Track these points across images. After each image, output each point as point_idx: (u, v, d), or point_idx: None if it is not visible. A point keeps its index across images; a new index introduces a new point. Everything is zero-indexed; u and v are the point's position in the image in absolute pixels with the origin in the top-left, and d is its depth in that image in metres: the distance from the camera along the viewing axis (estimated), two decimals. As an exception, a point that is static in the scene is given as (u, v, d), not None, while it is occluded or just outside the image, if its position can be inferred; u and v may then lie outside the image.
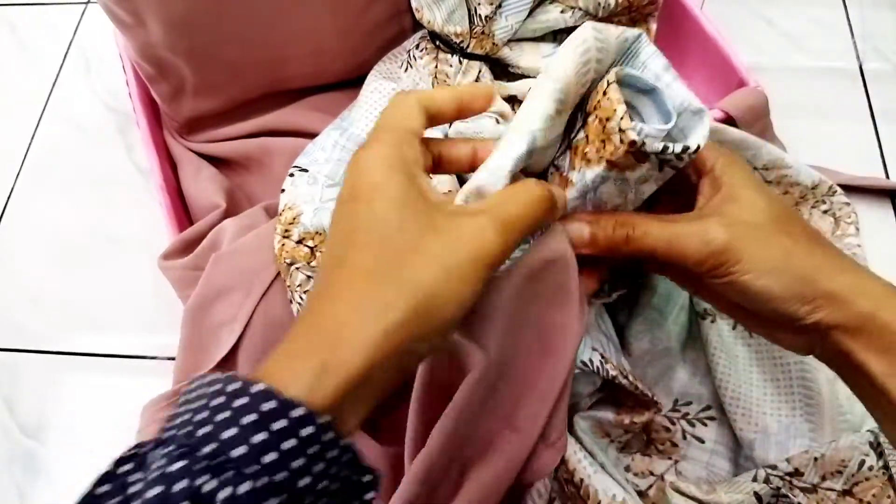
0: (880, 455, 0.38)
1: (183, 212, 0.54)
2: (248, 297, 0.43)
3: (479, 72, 0.52)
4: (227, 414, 0.21)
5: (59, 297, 0.56)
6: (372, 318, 0.24)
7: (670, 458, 0.43)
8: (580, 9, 0.51)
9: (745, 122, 0.52)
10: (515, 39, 0.52)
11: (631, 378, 0.39)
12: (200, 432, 0.21)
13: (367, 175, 0.27)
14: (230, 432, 0.21)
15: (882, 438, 0.39)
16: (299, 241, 0.43)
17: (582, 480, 0.37)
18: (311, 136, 0.52)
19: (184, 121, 0.56)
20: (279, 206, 0.46)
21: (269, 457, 0.21)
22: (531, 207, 0.28)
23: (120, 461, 0.22)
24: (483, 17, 0.49)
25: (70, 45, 0.71)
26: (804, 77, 0.62)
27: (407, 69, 0.53)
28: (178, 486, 0.20)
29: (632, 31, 0.31)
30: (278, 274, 0.44)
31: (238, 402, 0.21)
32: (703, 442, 0.44)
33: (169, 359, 0.52)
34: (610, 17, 0.53)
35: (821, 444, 0.40)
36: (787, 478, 0.39)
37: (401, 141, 0.28)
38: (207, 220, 0.50)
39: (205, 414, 0.22)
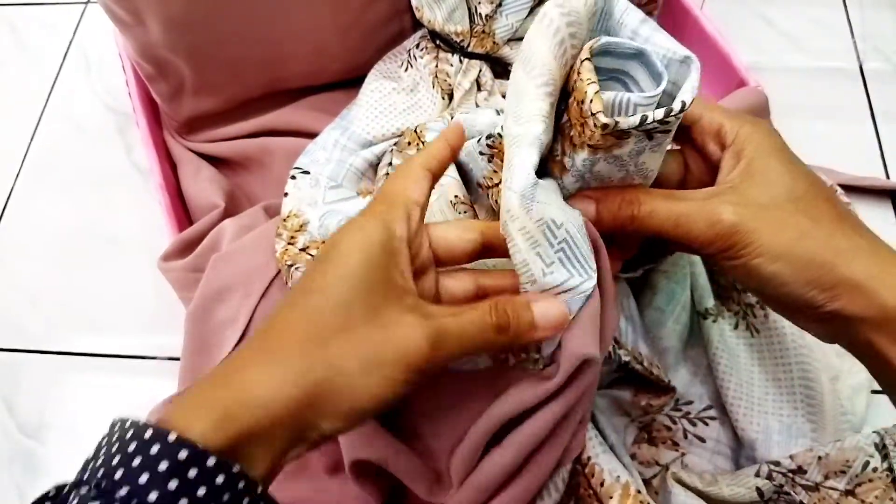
0: (885, 457, 0.38)
1: (183, 212, 0.54)
2: (248, 296, 0.43)
3: (480, 71, 0.52)
4: (140, 459, 0.22)
5: (59, 297, 0.56)
6: (277, 386, 0.24)
7: (677, 450, 0.43)
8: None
9: (745, 121, 0.52)
10: (516, 38, 0.52)
11: (646, 363, 0.39)
12: (116, 475, 0.22)
13: (345, 246, 0.27)
14: (144, 477, 0.21)
15: (888, 440, 0.39)
16: (303, 249, 0.43)
17: (589, 458, 0.37)
18: (311, 135, 0.52)
19: (183, 120, 0.56)
20: (283, 210, 0.45)
21: (185, 500, 0.22)
22: (473, 332, 0.28)
23: (39, 501, 0.23)
24: (483, 16, 0.49)
25: (70, 44, 0.71)
26: (804, 77, 0.62)
27: (407, 69, 0.53)
28: None
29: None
30: (278, 272, 0.44)
31: (153, 451, 0.22)
32: (704, 441, 0.44)
33: (169, 359, 0.52)
34: (610, 17, 0.54)
35: (823, 444, 0.40)
36: (790, 475, 0.39)
37: (395, 217, 0.28)
38: (207, 220, 0.50)
39: (120, 458, 0.22)
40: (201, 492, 0.22)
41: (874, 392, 0.46)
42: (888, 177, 0.56)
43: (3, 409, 0.52)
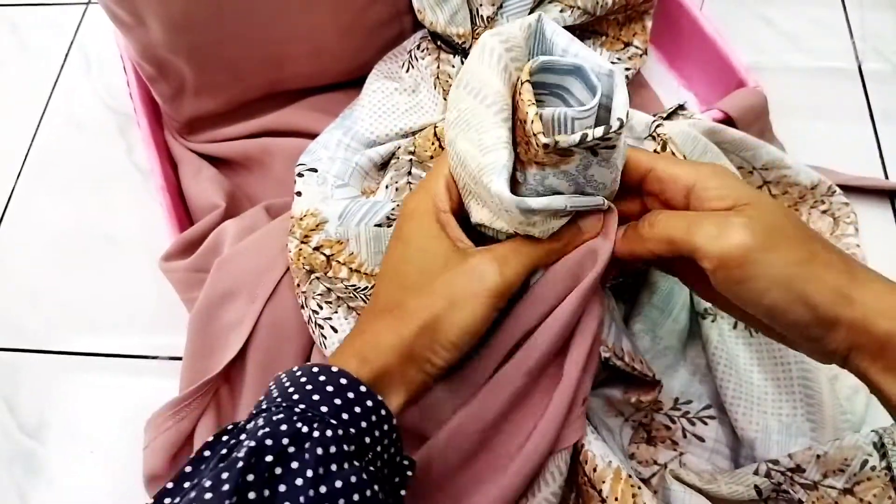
0: (883, 456, 0.38)
1: (183, 212, 0.54)
2: (254, 300, 0.43)
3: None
4: (311, 385, 0.29)
5: (59, 297, 0.56)
6: (394, 331, 0.32)
7: (675, 449, 0.43)
8: (579, 7, 0.51)
9: (744, 122, 0.52)
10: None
11: (627, 359, 0.39)
12: (294, 397, 0.28)
13: (409, 220, 0.35)
14: (316, 396, 0.28)
15: (886, 439, 0.39)
16: (317, 248, 0.43)
17: (582, 445, 0.38)
18: (312, 136, 0.52)
19: (184, 121, 0.56)
20: (296, 208, 0.45)
21: (345, 415, 0.28)
22: (530, 252, 0.34)
23: (219, 435, 0.29)
24: (485, 18, 0.50)
25: (71, 45, 0.71)
26: (804, 77, 0.62)
27: (408, 69, 0.53)
28: (281, 427, 0.27)
29: (531, 17, 0.31)
30: (283, 276, 0.44)
31: (320, 378, 0.29)
32: (703, 441, 0.44)
33: (169, 358, 0.52)
34: (607, 15, 0.54)
35: (822, 443, 0.40)
36: (789, 473, 0.39)
37: (440, 190, 0.35)
38: (208, 221, 0.50)
39: (294, 387, 0.29)
40: (357, 409, 0.28)
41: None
42: (887, 177, 0.57)
43: (3, 409, 0.52)
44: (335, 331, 0.42)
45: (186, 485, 0.27)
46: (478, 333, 0.33)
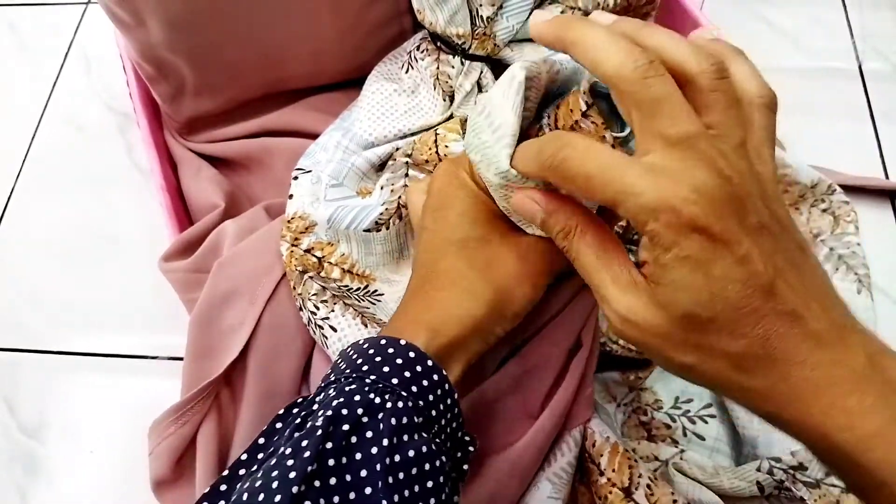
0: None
1: (183, 212, 0.54)
2: (254, 301, 0.43)
3: (481, 73, 0.52)
4: (381, 358, 0.29)
5: (59, 297, 0.56)
6: (466, 305, 0.32)
7: (677, 446, 0.43)
8: (580, 9, 0.51)
9: (745, 121, 0.52)
10: (516, 40, 0.52)
11: (622, 342, 0.40)
12: (364, 369, 0.29)
13: (450, 187, 0.35)
14: (386, 368, 0.29)
15: None
16: (308, 251, 0.43)
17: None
18: (312, 136, 0.52)
19: (184, 121, 0.56)
20: (287, 211, 0.45)
21: (415, 387, 0.29)
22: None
23: (289, 408, 0.30)
24: (485, 19, 0.49)
25: (70, 45, 0.71)
26: (804, 77, 0.62)
27: (408, 70, 0.53)
28: (355, 398, 0.27)
29: (556, 61, 0.31)
30: (283, 277, 0.44)
31: (389, 351, 0.29)
32: (703, 439, 0.44)
33: (169, 358, 0.52)
34: (609, 17, 0.54)
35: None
36: (791, 471, 0.39)
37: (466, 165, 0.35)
38: (207, 221, 0.50)
39: (363, 359, 0.29)
40: (425, 382, 0.29)
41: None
42: (887, 177, 0.57)
43: (4, 409, 0.52)
44: (334, 330, 0.42)
45: (260, 456, 0.28)
46: (536, 303, 0.35)
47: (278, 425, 0.30)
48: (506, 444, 0.38)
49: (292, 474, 0.25)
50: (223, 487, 0.28)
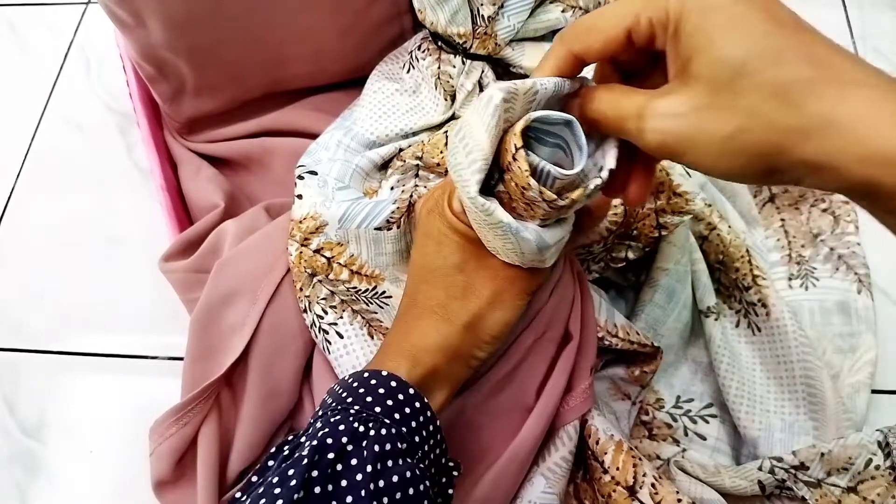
0: (888, 455, 0.39)
1: (183, 212, 0.54)
2: (255, 301, 0.43)
3: (482, 72, 0.52)
4: (364, 389, 0.30)
5: (59, 297, 0.56)
6: (443, 331, 0.34)
7: (678, 445, 0.43)
8: (580, 8, 0.51)
9: (745, 121, 0.52)
10: (517, 39, 0.52)
11: (622, 334, 0.40)
12: (349, 400, 0.30)
13: (431, 215, 0.36)
14: (369, 398, 0.30)
15: (891, 438, 0.39)
16: (317, 251, 0.43)
17: (587, 421, 0.40)
18: (312, 136, 0.52)
19: (184, 121, 0.56)
20: (297, 211, 0.45)
21: (397, 415, 0.30)
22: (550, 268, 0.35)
23: (280, 446, 0.31)
24: (486, 18, 0.49)
25: (70, 45, 0.71)
26: (804, 77, 0.62)
27: (409, 70, 0.53)
28: (339, 427, 0.28)
29: (546, 81, 0.29)
30: (283, 277, 0.44)
31: (372, 382, 0.31)
32: (704, 439, 0.44)
33: (169, 358, 0.52)
34: (610, 17, 0.54)
35: (825, 442, 0.40)
36: (793, 471, 0.39)
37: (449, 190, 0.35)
38: (207, 220, 0.50)
39: (347, 392, 0.31)
40: (407, 410, 0.30)
41: (875, 392, 0.46)
42: (888, 177, 0.57)
43: (4, 409, 0.52)
44: (341, 336, 0.42)
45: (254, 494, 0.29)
46: (514, 324, 0.35)
47: (270, 463, 0.30)
48: (502, 440, 0.39)
49: (279, 502, 0.26)
50: None
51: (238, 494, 0.30)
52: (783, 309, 0.44)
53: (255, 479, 0.30)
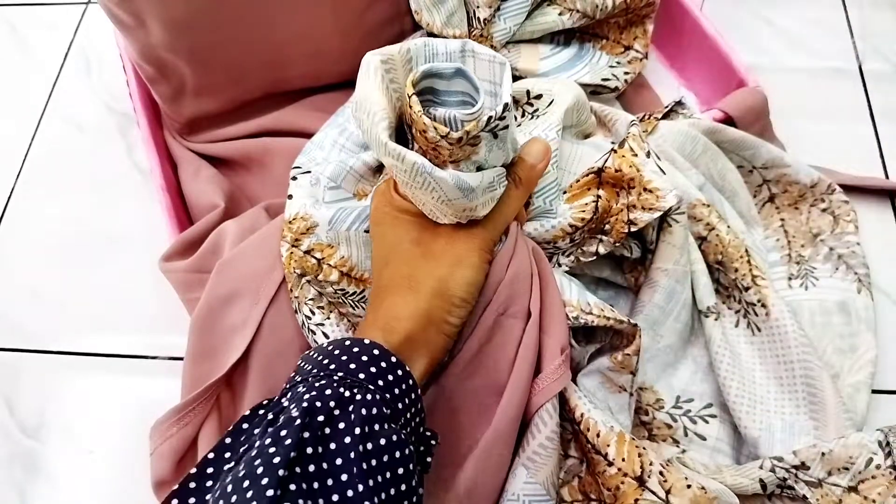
0: (889, 454, 0.39)
1: (183, 212, 0.54)
2: (257, 301, 0.43)
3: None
4: (347, 356, 0.31)
5: (59, 297, 0.56)
6: (410, 299, 0.35)
7: (678, 446, 0.43)
8: (578, 11, 0.51)
9: (744, 122, 0.52)
10: (513, 41, 0.52)
11: (596, 311, 0.40)
12: (331, 367, 0.31)
13: (381, 205, 0.38)
14: (352, 365, 0.31)
15: (892, 438, 0.39)
16: (308, 252, 0.43)
17: (582, 415, 0.40)
18: (312, 136, 0.52)
19: (184, 121, 0.56)
20: (287, 212, 0.45)
21: (381, 381, 0.31)
22: (506, 201, 0.38)
23: (255, 409, 0.32)
24: (482, 20, 0.49)
25: (70, 45, 0.71)
26: (804, 77, 0.62)
27: (407, 69, 0.53)
28: (326, 392, 0.29)
29: (413, 41, 0.34)
30: (284, 277, 0.44)
31: (354, 350, 0.31)
32: (704, 439, 0.44)
33: (169, 358, 0.52)
34: (607, 19, 0.54)
35: (826, 442, 0.40)
36: (794, 470, 0.39)
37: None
38: (207, 221, 0.50)
39: (329, 359, 0.31)
40: (390, 377, 0.31)
41: (875, 392, 0.46)
42: (887, 177, 0.57)
43: (4, 409, 0.52)
44: (327, 337, 0.42)
45: (227, 455, 0.30)
46: (479, 285, 0.37)
47: (245, 426, 0.31)
48: (480, 423, 0.39)
49: (276, 459, 0.26)
50: (192, 485, 0.29)
51: (211, 455, 0.30)
52: (783, 309, 0.44)
53: (228, 440, 0.30)
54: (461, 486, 0.38)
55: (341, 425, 0.29)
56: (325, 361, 0.31)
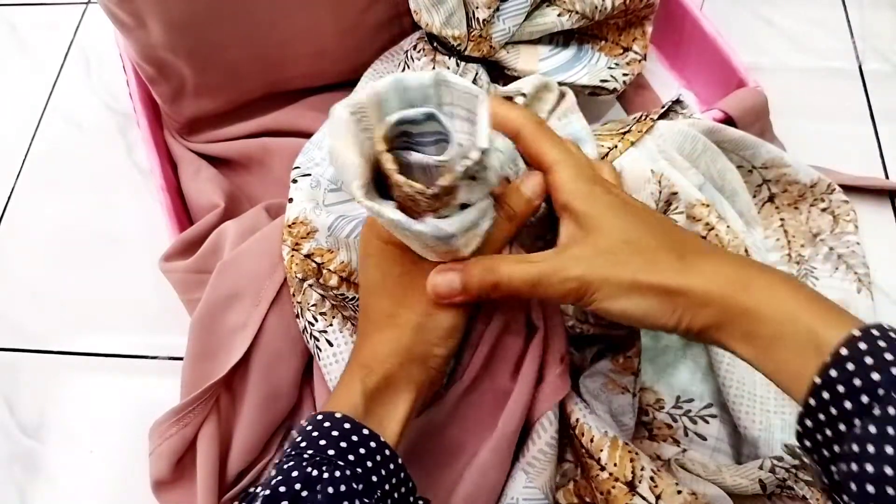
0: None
1: (183, 212, 0.54)
2: (258, 303, 0.43)
3: (476, 74, 0.52)
4: (318, 432, 0.30)
5: (59, 296, 0.56)
6: (393, 335, 0.34)
7: (678, 445, 0.43)
8: (577, 12, 0.51)
9: (744, 122, 0.52)
10: (512, 42, 0.52)
11: (593, 320, 0.40)
12: (302, 445, 0.30)
13: (368, 239, 0.37)
14: (322, 442, 0.30)
15: None
16: (308, 256, 0.43)
17: (577, 420, 0.40)
18: (312, 136, 0.52)
19: (184, 121, 0.56)
20: (288, 215, 0.45)
21: (351, 456, 0.30)
22: (496, 234, 0.35)
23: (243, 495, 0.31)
24: (481, 21, 0.49)
25: (70, 45, 0.71)
26: (804, 77, 0.62)
27: (404, 69, 0.53)
28: (292, 474, 0.28)
29: (382, 82, 0.31)
30: (286, 278, 0.44)
31: (325, 425, 0.30)
32: (704, 439, 0.44)
33: (169, 358, 0.52)
34: (606, 21, 0.53)
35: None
36: (794, 470, 0.39)
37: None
38: (207, 221, 0.50)
39: (302, 436, 0.30)
40: (362, 450, 0.30)
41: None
42: (887, 177, 0.57)
43: (4, 409, 0.52)
44: (330, 344, 0.42)
45: None
46: (463, 325, 0.36)
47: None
48: (479, 433, 0.39)
49: None
50: None
51: None
52: (782, 309, 0.44)
53: None
54: (462, 489, 0.38)
55: None
56: (298, 439, 0.31)
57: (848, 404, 0.26)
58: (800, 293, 0.30)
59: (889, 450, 0.24)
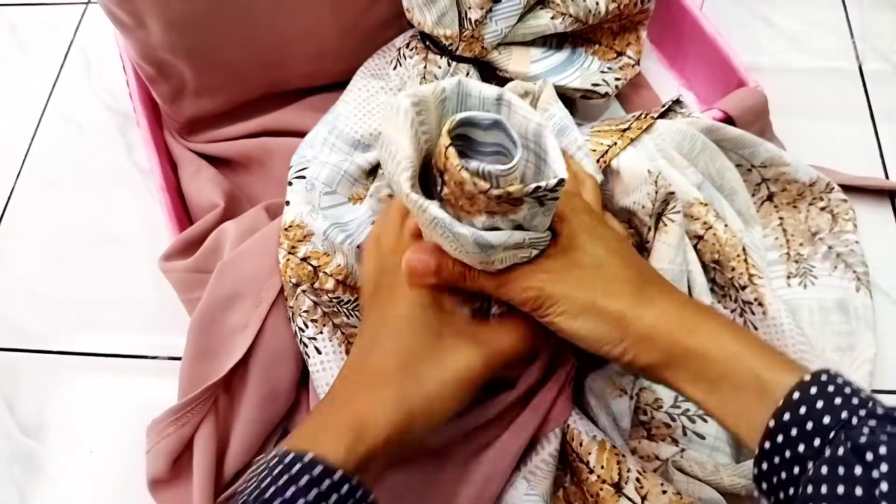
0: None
1: (183, 212, 0.54)
2: (259, 303, 0.43)
3: (468, 74, 0.52)
4: (286, 478, 0.28)
5: (59, 296, 0.56)
6: (392, 408, 0.32)
7: (677, 445, 0.43)
8: (570, 15, 0.51)
9: (744, 122, 0.52)
10: (505, 43, 0.52)
11: None
12: (269, 492, 0.28)
13: (391, 270, 0.36)
14: (291, 489, 0.28)
15: None
16: (304, 259, 0.43)
17: (568, 425, 0.40)
18: (310, 136, 0.52)
19: (184, 121, 0.56)
20: (284, 219, 0.45)
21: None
22: (519, 344, 0.36)
23: None
24: (473, 21, 0.49)
25: (70, 45, 0.71)
26: (804, 77, 0.62)
27: (396, 66, 0.53)
28: None
29: (448, 81, 0.31)
30: (284, 281, 0.44)
31: (294, 468, 0.28)
32: (703, 438, 0.44)
33: (169, 358, 0.52)
34: (600, 25, 0.53)
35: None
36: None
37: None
38: (207, 220, 0.50)
39: (269, 481, 0.28)
40: (333, 497, 0.28)
41: (874, 391, 0.46)
42: (887, 177, 0.57)
43: (4, 409, 0.52)
44: (319, 352, 0.42)
45: None
46: (459, 412, 0.35)
47: None
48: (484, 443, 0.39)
49: None
50: None
51: None
52: (780, 308, 0.44)
53: None
54: (465, 496, 0.38)
55: None
56: (265, 484, 0.28)
57: (801, 447, 0.27)
58: (744, 339, 0.31)
59: (840, 489, 0.25)
